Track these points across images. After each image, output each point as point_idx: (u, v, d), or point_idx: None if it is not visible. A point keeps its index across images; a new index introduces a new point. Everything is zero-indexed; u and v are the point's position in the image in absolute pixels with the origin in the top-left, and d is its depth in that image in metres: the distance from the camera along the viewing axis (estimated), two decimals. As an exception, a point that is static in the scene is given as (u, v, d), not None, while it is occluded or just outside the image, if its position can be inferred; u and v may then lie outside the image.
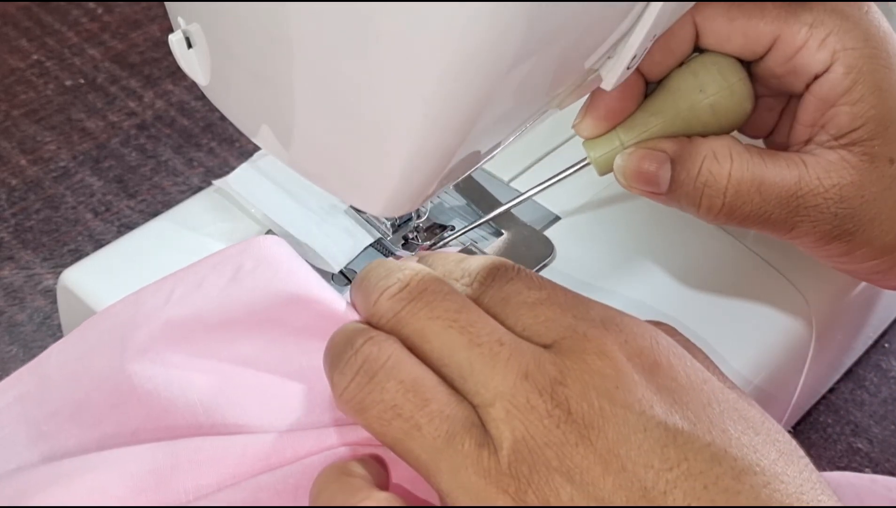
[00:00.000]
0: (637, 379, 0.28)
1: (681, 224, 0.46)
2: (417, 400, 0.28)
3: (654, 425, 0.27)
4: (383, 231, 0.43)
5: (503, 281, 0.31)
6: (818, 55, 0.35)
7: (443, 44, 0.27)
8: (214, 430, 0.32)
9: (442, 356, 0.29)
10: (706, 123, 0.36)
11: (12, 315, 0.54)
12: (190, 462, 0.30)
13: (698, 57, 0.36)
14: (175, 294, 0.34)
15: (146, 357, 0.33)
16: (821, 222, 0.36)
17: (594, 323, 0.29)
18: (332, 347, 0.30)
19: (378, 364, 0.28)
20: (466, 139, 0.32)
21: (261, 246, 0.35)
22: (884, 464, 0.49)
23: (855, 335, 0.51)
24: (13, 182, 0.62)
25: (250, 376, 0.33)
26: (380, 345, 0.29)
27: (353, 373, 0.29)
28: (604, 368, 0.28)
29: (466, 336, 0.29)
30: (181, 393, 0.32)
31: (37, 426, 0.34)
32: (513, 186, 0.47)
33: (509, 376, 0.28)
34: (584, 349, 0.28)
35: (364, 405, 0.28)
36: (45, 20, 0.74)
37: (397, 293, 0.30)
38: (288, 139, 0.35)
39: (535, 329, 0.29)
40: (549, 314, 0.30)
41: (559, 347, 0.29)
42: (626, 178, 0.37)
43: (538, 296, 0.30)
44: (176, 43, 0.36)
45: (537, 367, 0.28)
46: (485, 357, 0.28)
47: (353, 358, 0.29)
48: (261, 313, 0.34)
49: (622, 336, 0.29)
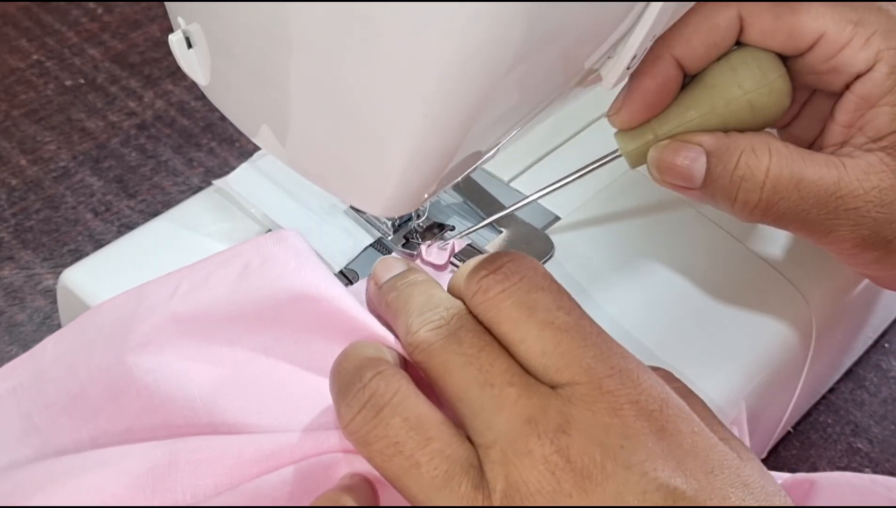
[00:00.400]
0: (644, 440, 0.28)
1: (681, 225, 0.46)
2: (420, 438, 0.28)
3: (655, 488, 0.27)
4: (384, 231, 0.43)
5: (533, 286, 0.31)
6: (862, 54, 0.35)
7: (443, 44, 0.27)
8: (212, 427, 0.32)
9: (458, 392, 0.29)
10: (743, 120, 0.36)
11: (12, 315, 0.54)
12: (188, 462, 0.30)
13: (737, 51, 0.36)
14: (181, 289, 0.34)
15: (147, 351, 0.33)
16: (860, 226, 0.36)
17: (611, 372, 0.29)
18: (339, 375, 0.30)
19: (384, 400, 0.29)
20: (466, 139, 0.32)
21: (269, 244, 0.35)
22: (884, 464, 0.49)
23: (855, 335, 0.51)
24: (13, 182, 0.62)
25: (252, 374, 0.33)
26: (387, 380, 0.29)
27: (359, 406, 0.29)
28: (613, 425, 0.28)
29: (483, 375, 0.29)
30: (180, 388, 0.32)
31: (29, 418, 0.34)
32: (513, 186, 0.47)
33: (513, 419, 0.28)
34: (595, 400, 0.28)
35: (367, 439, 0.28)
36: (45, 20, 0.74)
37: (435, 329, 0.30)
38: (288, 139, 0.35)
39: (553, 360, 0.29)
40: (571, 348, 0.29)
41: (571, 392, 0.28)
42: (660, 171, 0.36)
43: (566, 321, 0.30)
44: (176, 43, 0.36)
45: (542, 412, 0.28)
46: (494, 399, 0.28)
47: (361, 392, 0.29)
48: (266, 311, 0.34)
49: (635, 394, 0.28)
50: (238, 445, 0.31)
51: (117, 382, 0.33)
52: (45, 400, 0.34)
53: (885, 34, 0.34)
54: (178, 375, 0.32)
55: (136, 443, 0.32)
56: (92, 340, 0.34)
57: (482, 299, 0.31)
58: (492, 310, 0.30)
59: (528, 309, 0.30)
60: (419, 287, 0.33)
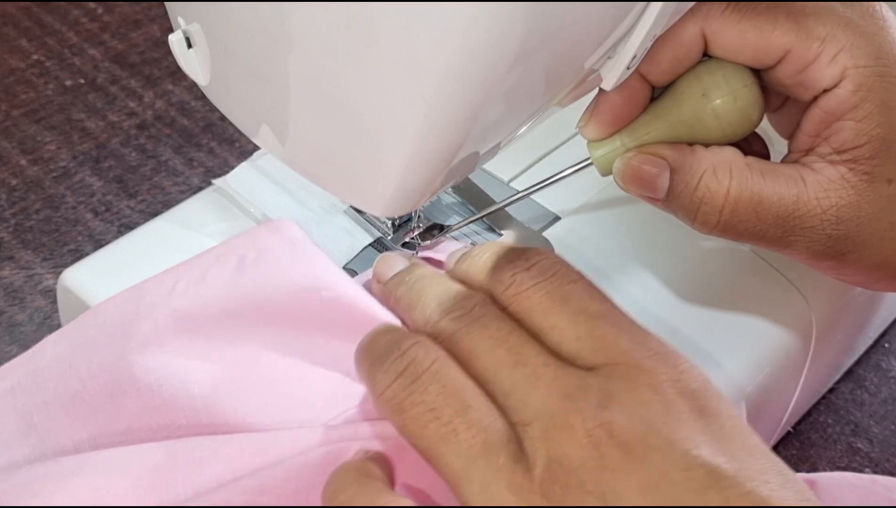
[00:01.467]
0: (686, 418, 0.27)
1: (681, 225, 0.46)
2: (458, 406, 0.28)
3: (698, 465, 0.26)
4: (384, 231, 0.43)
5: (565, 279, 0.31)
6: (828, 71, 0.35)
7: (443, 44, 0.27)
8: (213, 426, 0.32)
9: (487, 373, 0.29)
10: (710, 129, 0.36)
11: (12, 315, 0.54)
12: (188, 461, 0.30)
13: (705, 62, 0.36)
14: (179, 286, 0.34)
15: (149, 350, 0.33)
16: (815, 242, 0.36)
17: (649, 354, 0.29)
18: (372, 347, 0.30)
19: (422, 367, 0.29)
20: (466, 139, 0.32)
21: (263, 235, 0.35)
22: (884, 464, 0.49)
23: (855, 335, 0.51)
24: (13, 182, 0.62)
25: (253, 371, 0.33)
26: (426, 349, 0.29)
27: (396, 373, 0.29)
28: (654, 401, 0.28)
29: (513, 356, 0.29)
30: (182, 387, 0.32)
31: (28, 417, 0.34)
32: (513, 186, 0.47)
33: (551, 396, 0.28)
34: (635, 378, 0.28)
35: (403, 405, 0.28)
36: (45, 20, 0.74)
37: (459, 317, 0.31)
38: (288, 139, 0.35)
39: (588, 344, 0.29)
40: (607, 332, 0.29)
41: (609, 372, 0.28)
42: (625, 181, 0.37)
43: (600, 309, 0.30)
44: (176, 43, 0.36)
45: (581, 389, 0.28)
46: (528, 377, 0.28)
47: (400, 359, 0.29)
48: (265, 305, 0.34)
49: (675, 373, 0.28)
50: (239, 440, 0.31)
51: (118, 381, 0.33)
52: (44, 399, 0.34)
53: (852, 51, 0.34)
54: (179, 374, 0.32)
55: (135, 443, 0.32)
56: (92, 339, 0.34)
57: (515, 292, 0.31)
58: (524, 301, 0.30)
59: (561, 298, 0.30)
60: (432, 280, 0.33)
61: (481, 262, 0.33)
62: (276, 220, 0.36)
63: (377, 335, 0.31)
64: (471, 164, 0.35)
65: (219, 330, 0.34)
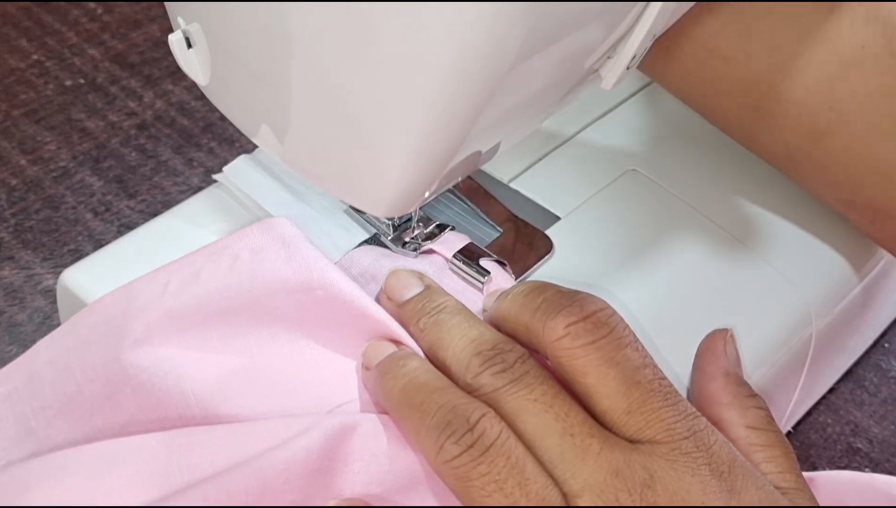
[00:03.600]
0: (718, 497, 0.29)
1: (681, 225, 0.46)
2: (520, 478, 0.29)
3: None
4: (383, 231, 0.43)
5: (621, 342, 0.31)
6: None
7: (444, 45, 0.27)
8: (206, 423, 0.32)
9: (534, 439, 0.30)
10: None
11: (12, 315, 0.54)
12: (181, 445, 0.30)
13: None
14: (171, 285, 0.34)
15: (141, 349, 0.33)
16: None
17: (688, 434, 0.30)
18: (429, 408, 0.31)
19: (490, 440, 0.29)
20: (467, 140, 0.32)
21: (257, 234, 0.35)
22: (884, 464, 0.49)
23: (855, 335, 0.51)
24: (13, 182, 0.62)
25: (247, 370, 0.33)
26: (492, 422, 0.30)
27: (467, 445, 0.29)
28: (693, 483, 0.29)
29: (560, 424, 0.30)
30: (175, 386, 0.32)
31: (25, 421, 0.34)
32: (513, 186, 0.47)
33: (600, 470, 0.29)
34: (676, 460, 0.30)
35: (470, 476, 0.29)
36: (45, 20, 0.74)
37: (500, 373, 0.31)
38: (287, 139, 0.35)
39: (637, 419, 0.31)
40: (656, 409, 0.31)
41: (653, 451, 0.30)
42: None
43: (651, 380, 0.31)
44: (176, 43, 0.36)
45: (628, 466, 0.29)
46: (576, 448, 0.30)
47: (470, 433, 0.29)
48: (258, 305, 0.34)
49: (707, 457, 0.30)
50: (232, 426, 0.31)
51: (113, 381, 0.33)
52: (41, 402, 0.34)
53: None
54: (173, 373, 0.32)
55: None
56: (85, 340, 0.34)
57: (569, 346, 0.31)
58: (580, 359, 0.31)
59: (617, 365, 0.31)
60: (458, 318, 0.34)
61: (525, 300, 0.33)
62: (269, 218, 0.36)
63: (431, 393, 0.31)
64: (471, 164, 0.36)
65: (212, 329, 0.34)
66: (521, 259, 0.43)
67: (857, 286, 0.47)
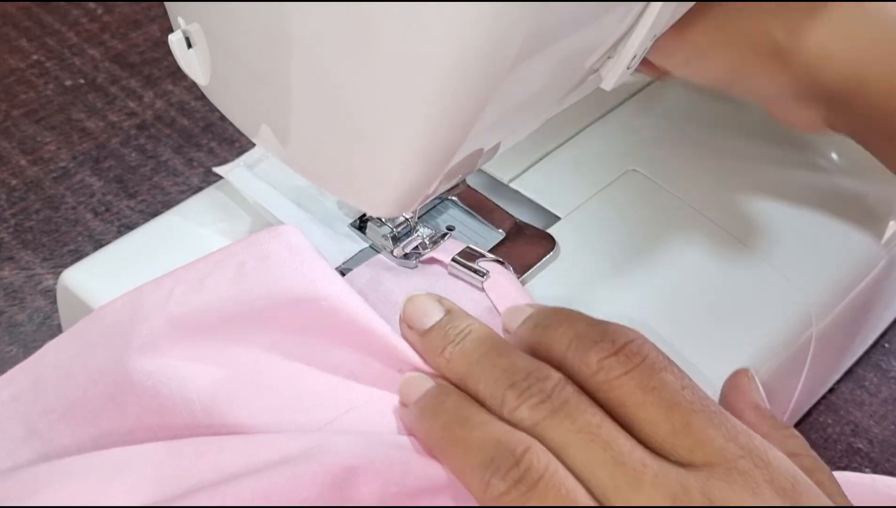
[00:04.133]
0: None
1: (681, 225, 0.46)
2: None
3: None
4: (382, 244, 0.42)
5: (656, 367, 0.30)
6: None
7: (444, 45, 0.27)
8: (212, 430, 0.32)
9: (584, 471, 0.29)
10: None
11: (12, 315, 0.54)
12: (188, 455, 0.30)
13: None
14: (177, 292, 0.34)
15: (146, 354, 0.33)
16: None
17: (743, 453, 0.29)
18: (472, 444, 0.30)
19: (538, 474, 0.29)
20: (467, 139, 0.32)
21: (264, 242, 0.35)
22: (884, 464, 0.49)
23: (855, 335, 0.51)
24: (13, 182, 0.62)
25: (251, 374, 0.33)
26: (539, 455, 0.29)
27: (514, 480, 0.29)
28: (755, 505, 0.28)
29: (609, 453, 0.29)
30: (180, 391, 0.32)
31: (30, 424, 0.34)
32: (513, 186, 0.47)
33: (656, 498, 0.28)
34: (735, 481, 0.28)
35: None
36: (45, 20, 0.74)
37: (539, 405, 0.30)
38: (287, 139, 0.35)
39: (684, 441, 0.29)
40: (703, 428, 0.29)
41: (709, 473, 0.29)
42: None
43: (692, 400, 0.30)
44: (176, 43, 0.36)
45: (685, 491, 0.28)
46: (629, 477, 0.28)
47: (515, 468, 0.29)
48: (264, 313, 0.34)
49: (768, 474, 0.29)
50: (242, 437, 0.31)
51: (118, 385, 0.33)
52: (46, 406, 0.34)
53: None
54: (177, 379, 0.32)
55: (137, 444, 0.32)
56: (91, 345, 0.34)
57: (605, 379, 0.31)
58: (616, 390, 0.30)
59: (654, 390, 0.30)
60: (486, 346, 0.33)
61: (557, 335, 0.32)
62: (276, 226, 0.35)
63: (472, 428, 0.30)
64: (471, 164, 0.36)
65: (217, 336, 0.34)
66: (524, 259, 0.43)
67: (857, 286, 0.47)
